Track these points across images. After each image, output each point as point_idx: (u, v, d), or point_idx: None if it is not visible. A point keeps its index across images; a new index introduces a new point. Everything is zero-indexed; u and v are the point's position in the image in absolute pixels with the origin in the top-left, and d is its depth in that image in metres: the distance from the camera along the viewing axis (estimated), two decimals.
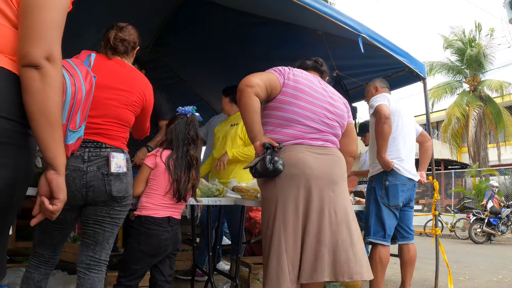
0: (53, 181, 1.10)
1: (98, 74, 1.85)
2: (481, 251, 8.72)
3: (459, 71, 19.83)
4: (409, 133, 3.52)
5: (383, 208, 3.35)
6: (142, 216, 2.29)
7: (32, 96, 1.01)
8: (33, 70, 1.01)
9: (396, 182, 3.34)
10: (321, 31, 3.85)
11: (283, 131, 2.35)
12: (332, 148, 2.44)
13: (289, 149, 2.30)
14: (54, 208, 1.12)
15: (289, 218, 2.22)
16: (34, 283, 2.04)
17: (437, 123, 24.28)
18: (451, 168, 18.42)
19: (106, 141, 2.01)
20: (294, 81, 2.37)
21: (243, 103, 2.25)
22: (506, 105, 20.27)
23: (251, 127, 2.30)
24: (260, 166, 2.20)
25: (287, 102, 2.35)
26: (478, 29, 19.18)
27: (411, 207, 3.61)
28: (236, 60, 4.93)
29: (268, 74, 2.36)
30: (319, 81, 2.55)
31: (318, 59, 2.71)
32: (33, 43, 1.01)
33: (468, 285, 4.68)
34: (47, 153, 1.07)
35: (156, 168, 2.33)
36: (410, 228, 3.60)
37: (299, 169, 2.25)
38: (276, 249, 2.21)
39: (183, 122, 2.43)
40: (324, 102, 2.43)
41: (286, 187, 2.25)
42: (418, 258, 6.70)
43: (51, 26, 1.04)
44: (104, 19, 3.88)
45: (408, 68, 4.23)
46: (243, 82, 2.25)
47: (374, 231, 3.36)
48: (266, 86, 2.28)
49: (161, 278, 2.41)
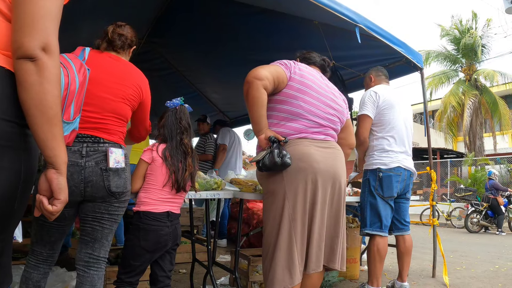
0: (53, 181, 1.04)
1: (93, 68, 1.85)
2: (477, 240, 8.77)
3: (455, 60, 19.81)
4: (405, 124, 3.51)
5: (378, 199, 3.35)
6: (141, 211, 2.27)
7: (28, 91, 0.95)
8: (29, 63, 0.95)
9: (390, 173, 3.34)
10: (317, 21, 3.82)
11: (288, 124, 2.36)
12: (332, 141, 2.50)
13: (295, 143, 2.32)
14: (54, 209, 1.06)
15: (298, 211, 2.25)
16: (33, 283, 2.01)
17: (433, 112, 24.32)
18: (447, 157, 18.49)
19: (104, 136, 1.99)
20: (300, 75, 2.38)
21: (251, 95, 2.23)
22: (501, 95, 20.30)
23: (258, 120, 2.30)
24: (268, 159, 2.19)
25: (293, 96, 2.36)
26: (475, 19, 19.11)
27: (407, 198, 3.61)
28: (231, 51, 4.90)
29: (275, 67, 2.35)
30: (321, 76, 2.58)
31: (326, 59, 2.75)
32: (28, 33, 0.95)
33: (465, 274, 4.71)
34: (47, 151, 1.02)
35: (153, 162, 2.32)
36: (406, 220, 3.61)
37: (306, 163, 2.27)
38: (286, 243, 2.23)
39: (173, 113, 2.44)
40: (327, 98, 2.47)
41: (294, 180, 2.26)
42: (416, 248, 6.79)
43: (46, 16, 0.98)
44: (99, 11, 3.85)
45: (405, 58, 4.23)
46: (252, 75, 2.23)
47: (370, 223, 3.37)
48: (274, 79, 2.28)
49: (161, 273, 2.39)
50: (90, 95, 1.84)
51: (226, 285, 3.59)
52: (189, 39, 5.03)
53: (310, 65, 2.64)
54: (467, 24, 19.21)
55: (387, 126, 3.40)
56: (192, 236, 3.52)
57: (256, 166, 2.33)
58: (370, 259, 3.38)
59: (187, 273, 4.06)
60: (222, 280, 3.71)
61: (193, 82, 6.33)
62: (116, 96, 2.06)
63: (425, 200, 13.98)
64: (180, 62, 5.87)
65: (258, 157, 2.27)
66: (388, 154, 3.37)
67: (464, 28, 19.19)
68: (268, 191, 2.40)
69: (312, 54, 2.72)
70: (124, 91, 2.10)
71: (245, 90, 2.27)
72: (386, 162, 3.35)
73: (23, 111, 0.97)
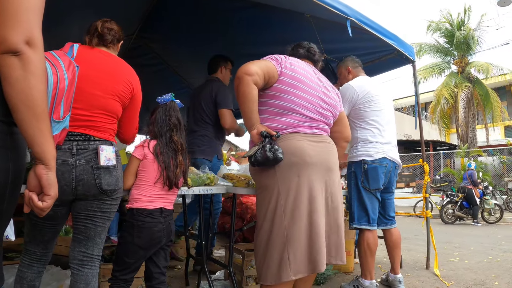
0: (43, 177, 1.03)
1: (82, 65, 1.83)
2: (470, 231, 8.85)
3: (447, 52, 19.86)
4: (388, 115, 3.51)
5: (364, 193, 3.34)
6: (134, 208, 2.26)
7: (13, 86, 0.93)
8: (13, 57, 0.93)
9: (376, 164, 3.32)
10: (309, 14, 3.81)
11: (280, 119, 2.36)
12: (325, 136, 2.49)
13: (287, 138, 2.32)
14: (44, 205, 1.05)
15: (291, 207, 2.22)
16: (28, 283, 2.00)
17: (426, 104, 24.42)
18: (440, 149, 18.59)
19: (94, 133, 1.98)
20: (291, 70, 2.38)
21: (242, 91, 2.23)
22: (493, 87, 20.41)
23: (249, 116, 2.29)
24: (260, 154, 2.19)
25: (284, 91, 2.35)
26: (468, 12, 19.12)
27: (391, 193, 3.58)
28: (223, 45, 4.87)
29: (266, 62, 2.34)
30: (313, 70, 2.57)
31: (311, 48, 2.70)
32: (11, 27, 0.92)
33: (459, 266, 4.75)
34: (35, 147, 1.00)
35: (145, 158, 2.31)
36: (391, 215, 3.60)
37: (298, 157, 2.26)
38: (278, 239, 2.22)
39: (163, 110, 2.43)
40: (319, 92, 2.46)
41: (287, 175, 2.25)
42: (410, 240, 6.85)
43: (29, 9, 0.95)
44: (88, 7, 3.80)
45: (397, 51, 4.24)
46: (242, 70, 2.22)
47: (358, 217, 3.37)
48: (264, 74, 2.27)
49: (156, 270, 2.39)
50: (79, 92, 1.82)
51: (221, 280, 3.59)
52: (180, 34, 4.99)
53: (302, 58, 2.62)
54: (459, 17, 19.23)
55: (369, 118, 3.38)
56: (186, 232, 3.52)
57: (249, 161, 2.32)
58: (361, 254, 3.40)
59: (182, 269, 4.07)
60: (217, 275, 3.71)
61: (185, 77, 6.28)
62: (106, 93, 2.04)
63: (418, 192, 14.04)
64: (172, 57, 5.82)
65: (250, 152, 2.26)
66: (372, 145, 3.35)
67: (456, 21, 19.21)
68: (261, 186, 2.39)
69: (297, 48, 2.69)
70: (114, 87, 2.07)
71: (236, 85, 2.27)
72: (371, 153, 3.33)
73: (8, 108, 0.96)
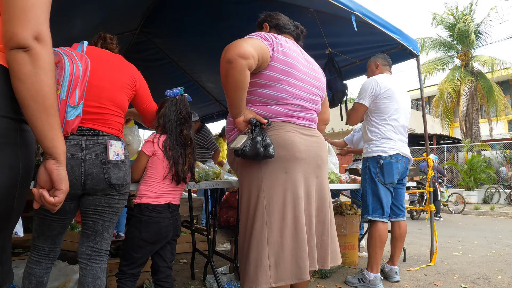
0: (53, 172, 1.03)
1: (91, 60, 1.90)
2: (474, 225, 8.84)
3: (451, 46, 19.76)
4: (404, 112, 3.57)
5: (380, 186, 3.42)
6: (141, 204, 2.28)
7: (23, 82, 0.93)
8: (22, 53, 0.93)
9: (391, 160, 3.40)
10: (313, 8, 3.81)
11: (271, 108, 2.09)
12: (315, 129, 2.28)
13: (278, 126, 2.07)
14: (56, 200, 1.04)
15: (274, 206, 1.97)
16: (36, 279, 2.01)
17: (429, 98, 24.35)
18: (443, 143, 18.55)
19: (103, 128, 2.00)
20: (283, 54, 2.06)
21: (234, 78, 1.87)
22: (497, 81, 20.31)
23: (238, 104, 1.99)
24: (249, 148, 1.93)
25: (277, 80, 2.05)
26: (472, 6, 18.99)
27: (403, 184, 3.70)
28: (227, 40, 4.83)
29: (259, 42, 1.97)
30: (300, 50, 2.29)
31: (304, 30, 2.42)
32: (19, 23, 0.93)
33: (462, 260, 4.75)
34: (45, 142, 1.00)
35: (154, 155, 2.31)
36: (403, 205, 3.70)
37: (288, 151, 2.03)
38: (258, 239, 1.96)
39: (173, 104, 2.42)
40: (310, 77, 2.22)
41: (273, 170, 2.01)
42: (413, 233, 6.86)
43: (36, 5, 0.95)
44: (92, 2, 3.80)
45: (401, 45, 4.23)
46: (234, 51, 1.84)
47: (372, 209, 3.43)
48: (259, 57, 1.92)
49: (163, 264, 2.41)
50: (88, 85, 1.87)
51: (226, 273, 3.61)
52: (184, 28, 4.98)
53: (285, 34, 2.29)
54: (464, 10, 19.11)
55: (386, 114, 3.46)
56: (192, 226, 3.54)
57: (234, 153, 2.04)
58: (371, 245, 3.43)
59: (187, 263, 4.09)
60: (223, 269, 3.74)
61: (188, 72, 6.28)
62: (113, 85, 2.09)
63: None
64: (175, 52, 5.82)
65: (238, 145, 1.97)
66: (387, 142, 3.43)
67: (461, 13, 19.10)
68: (243, 179, 2.14)
69: (283, 20, 2.33)
70: (120, 79, 2.14)
71: (225, 69, 1.88)
72: (386, 149, 3.42)
73: (18, 105, 0.96)
